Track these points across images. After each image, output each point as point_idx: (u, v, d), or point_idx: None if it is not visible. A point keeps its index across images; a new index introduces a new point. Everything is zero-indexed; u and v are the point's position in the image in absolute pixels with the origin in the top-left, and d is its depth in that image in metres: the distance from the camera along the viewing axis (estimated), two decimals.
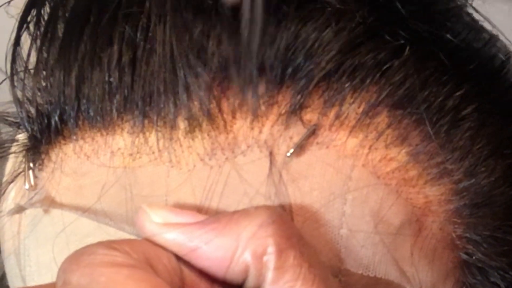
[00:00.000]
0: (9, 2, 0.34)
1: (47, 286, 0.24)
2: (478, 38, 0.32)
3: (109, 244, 0.24)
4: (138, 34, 0.28)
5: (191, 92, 0.27)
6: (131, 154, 0.28)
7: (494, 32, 0.33)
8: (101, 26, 0.29)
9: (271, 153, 0.27)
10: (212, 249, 0.25)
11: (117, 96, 0.28)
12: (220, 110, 0.27)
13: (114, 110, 0.28)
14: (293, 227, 0.25)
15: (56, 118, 0.29)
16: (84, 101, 0.28)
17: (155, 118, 0.28)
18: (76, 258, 0.24)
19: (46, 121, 0.29)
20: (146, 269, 0.23)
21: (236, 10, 0.27)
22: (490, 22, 0.34)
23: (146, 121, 0.28)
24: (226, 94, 0.27)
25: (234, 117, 0.28)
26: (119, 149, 0.28)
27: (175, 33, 0.28)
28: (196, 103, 0.27)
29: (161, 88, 0.27)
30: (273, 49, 0.27)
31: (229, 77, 0.27)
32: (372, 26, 0.28)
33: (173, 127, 0.28)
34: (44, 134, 0.30)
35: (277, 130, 0.27)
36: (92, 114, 0.28)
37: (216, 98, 0.27)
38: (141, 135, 0.28)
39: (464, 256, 0.30)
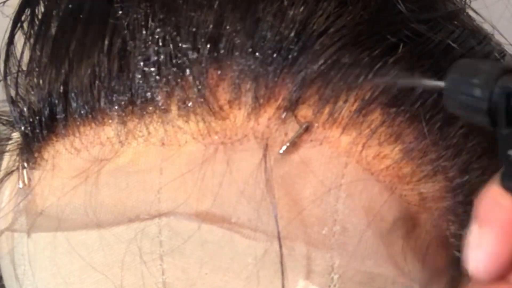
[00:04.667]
0: (4, 2, 0.34)
1: None
2: (473, 36, 0.32)
3: None
4: (130, 23, 0.28)
5: (186, 77, 0.28)
6: (120, 142, 0.28)
7: (490, 28, 0.33)
8: (93, 22, 0.29)
9: (266, 146, 0.27)
10: None
11: (105, 84, 0.28)
12: (216, 98, 0.28)
13: (102, 99, 0.28)
14: None
15: (47, 114, 0.29)
16: (73, 94, 0.29)
17: (145, 103, 0.28)
18: None
19: (37, 118, 0.29)
20: None
21: None
22: (486, 20, 0.34)
23: (136, 108, 0.28)
24: (222, 84, 0.28)
25: (231, 106, 0.28)
26: (108, 138, 0.28)
27: (169, 20, 0.28)
28: (190, 88, 0.27)
29: (152, 73, 0.28)
30: (278, 39, 0.27)
31: (224, 67, 0.28)
32: (368, 24, 0.28)
33: (166, 111, 0.28)
34: (36, 132, 0.30)
35: (274, 123, 0.28)
36: (81, 105, 0.29)
37: (212, 86, 0.28)
38: (130, 122, 0.28)
39: (458, 254, 0.30)
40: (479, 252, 0.23)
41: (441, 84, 0.24)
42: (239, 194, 0.27)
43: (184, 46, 0.28)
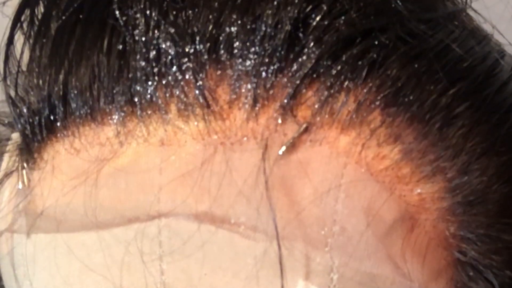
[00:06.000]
0: (4, 3, 0.34)
1: None
2: (473, 36, 0.32)
3: None
4: (129, 23, 0.28)
5: (185, 77, 0.28)
6: (120, 142, 0.28)
7: (490, 28, 0.33)
8: (92, 23, 0.29)
9: (266, 146, 0.27)
10: None
11: (105, 84, 0.28)
12: (215, 99, 0.28)
13: (102, 99, 0.28)
14: None
15: (46, 114, 0.29)
16: (72, 94, 0.29)
17: (145, 104, 0.28)
18: None
19: (37, 119, 0.29)
20: None
21: None
22: (486, 20, 0.34)
23: (135, 108, 0.28)
24: (222, 85, 0.28)
25: (230, 107, 0.28)
26: (107, 139, 0.28)
27: (168, 20, 0.28)
28: (189, 89, 0.27)
29: (152, 74, 0.28)
30: (276, 37, 0.27)
31: (224, 68, 0.28)
32: (367, 24, 0.28)
33: (165, 111, 0.28)
34: (35, 132, 0.30)
35: (273, 124, 0.28)
36: (80, 105, 0.29)
37: (211, 87, 0.28)
38: (129, 122, 0.28)
39: (458, 255, 0.30)
40: None
41: None
42: (238, 194, 0.27)
43: (183, 46, 0.28)
